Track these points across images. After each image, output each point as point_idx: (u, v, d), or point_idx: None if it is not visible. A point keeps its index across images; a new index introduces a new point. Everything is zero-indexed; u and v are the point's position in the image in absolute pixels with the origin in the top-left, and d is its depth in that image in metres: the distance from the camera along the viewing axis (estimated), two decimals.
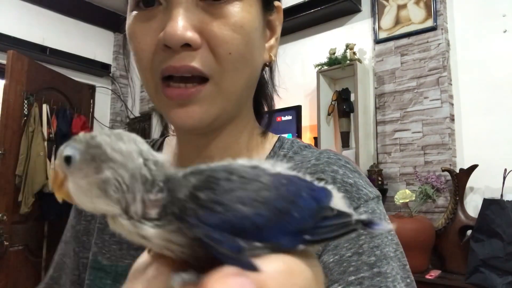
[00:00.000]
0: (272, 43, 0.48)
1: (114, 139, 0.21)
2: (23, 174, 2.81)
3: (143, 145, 0.22)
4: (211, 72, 0.40)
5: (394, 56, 2.36)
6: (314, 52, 2.69)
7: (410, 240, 1.84)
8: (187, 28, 0.38)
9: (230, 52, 0.40)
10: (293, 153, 0.50)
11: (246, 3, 0.41)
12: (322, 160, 0.46)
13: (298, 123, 2.52)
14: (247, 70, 0.42)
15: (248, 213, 0.19)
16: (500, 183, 1.86)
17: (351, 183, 0.44)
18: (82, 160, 0.21)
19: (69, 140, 0.22)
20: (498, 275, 1.65)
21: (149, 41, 0.40)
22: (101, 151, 0.21)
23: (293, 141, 0.52)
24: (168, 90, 0.40)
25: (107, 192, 0.20)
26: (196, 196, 0.19)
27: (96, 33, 3.88)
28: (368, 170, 2.30)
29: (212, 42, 0.39)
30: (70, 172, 0.21)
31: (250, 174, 0.21)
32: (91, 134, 0.22)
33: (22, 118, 2.89)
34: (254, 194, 0.20)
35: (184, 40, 0.38)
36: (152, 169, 0.21)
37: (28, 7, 3.38)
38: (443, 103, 2.15)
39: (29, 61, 2.97)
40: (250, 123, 0.51)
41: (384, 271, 0.39)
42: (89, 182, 0.20)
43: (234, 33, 0.39)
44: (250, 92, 0.48)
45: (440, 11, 2.21)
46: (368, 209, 0.43)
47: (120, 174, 0.20)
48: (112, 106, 4.05)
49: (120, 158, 0.21)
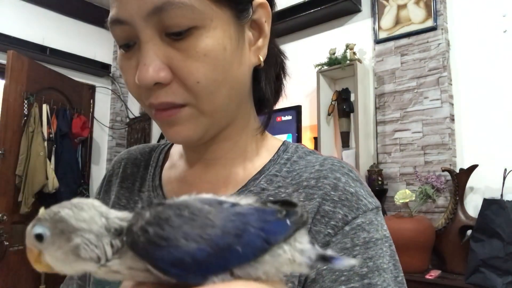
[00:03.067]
0: (259, 44, 0.47)
1: (76, 210, 0.24)
2: (23, 174, 2.81)
3: (102, 207, 0.25)
4: (186, 101, 0.42)
5: (394, 56, 2.36)
6: (314, 52, 2.69)
7: (410, 240, 1.84)
8: (155, 69, 0.40)
9: (198, 81, 0.41)
10: (297, 158, 0.50)
11: (208, 27, 0.41)
12: (325, 166, 0.47)
13: (298, 123, 2.52)
14: (224, 89, 0.43)
15: (190, 248, 0.22)
16: (500, 183, 1.86)
17: (352, 192, 0.45)
18: (53, 235, 0.24)
19: (33, 220, 0.25)
20: (498, 275, 1.65)
21: (131, 78, 0.43)
22: (67, 224, 0.24)
23: (298, 146, 0.53)
24: (156, 114, 0.44)
25: (80, 256, 0.24)
26: (146, 230, 0.23)
27: (96, 33, 3.88)
28: (368, 170, 2.30)
29: (180, 75, 0.41)
30: (44, 248, 0.24)
31: (202, 211, 0.24)
32: (53, 210, 0.25)
33: (22, 118, 2.89)
34: (199, 231, 0.23)
35: (153, 81, 0.40)
36: (116, 221, 0.25)
37: (28, 7, 3.38)
38: (443, 103, 2.15)
39: (29, 61, 2.97)
40: (250, 124, 0.51)
41: (375, 283, 0.40)
42: (64, 252, 0.24)
43: (198, 63, 0.41)
44: (240, 100, 0.48)
45: (440, 11, 2.21)
46: (366, 220, 0.43)
47: (87, 238, 0.24)
48: (112, 106, 4.05)
49: (84, 225, 0.24)
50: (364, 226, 0.43)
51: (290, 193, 0.46)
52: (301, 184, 0.46)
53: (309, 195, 0.45)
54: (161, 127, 0.45)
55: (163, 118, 0.43)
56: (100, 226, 0.24)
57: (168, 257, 0.22)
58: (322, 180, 0.45)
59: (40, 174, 2.89)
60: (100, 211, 0.25)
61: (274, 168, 0.49)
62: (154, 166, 0.57)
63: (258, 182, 0.48)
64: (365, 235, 0.42)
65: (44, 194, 2.96)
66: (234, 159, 0.50)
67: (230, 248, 0.23)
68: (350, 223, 0.43)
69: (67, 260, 0.24)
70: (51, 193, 2.99)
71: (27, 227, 0.25)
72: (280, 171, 0.49)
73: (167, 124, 0.44)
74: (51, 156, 3.08)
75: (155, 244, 0.22)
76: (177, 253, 0.22)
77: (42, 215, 0.25)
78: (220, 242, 0.22)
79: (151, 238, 0.22)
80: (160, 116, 0.43)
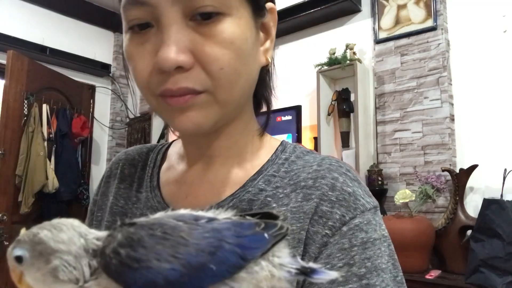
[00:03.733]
0: (267, 46, 0.49)
1: (55, 232, 0.25)
2: (23, 174, 2.81)
3: (81, 228, 0.25)
4: (205, 88, 0.41)
5: (394, 56, 2.36)
6: (314, 52, 2.69)
7: (410, 240, 1.84)
8: (179, 52, 0.39)
9: (222, 67, 0.41)
10: (295, 158, 0.50)
11: (235, 16, 0.41)
12: (323, 166, 0.47)
13: (298, 123, 2.52)
14: (241, 80, 0.43)
15: (162, 268, 0.22)
16: (500, 183, 1.86)
17: (350, 192, 0.45)
18: (32, 257, 0.24)
19: (14, 242, 0.25)
20: (498, 275, 1.65)
21: (145, 63, 0.41)
22: (46, 246, 0.24)
23: (296, 146, 0.53)
24: (169, 100, 0.42)
25: (59, 277, 0.24)
26: (118, 252, 0.22)
27: (96, 33, 3.88)
28: (368, 170, 2.30)
29: (204, 60, 0.40)
30: (24, 269, 0.25)
31: (176, 229, 0.23)
32: (33, 232, 0.25)
33: (22, 118, 2.89)
34: (171, 250, 0.22)
35: (177, 64, 0.39)
36: (94, 242, 0.25)
37: (28, 7, 3.38)
38: (443, 103, 2.15)
39: (29, 61, 2.97)
40: (250, 124, 0.52)
41: (373, 283, 0.40)
42: (43, 274, 0.24)
43: (224, 49, 0.40)
44: (248, 97, 0.49)
45: (440, 11, 2.21)
46: (363, 220, 0.43)
47: (66, 260, 0.24)
48: (112, 106, 4.05)
49: (63, 247, 0.24)
50: (362, 226, 0.43)
51: (288, 193, 0.46)
52: (299, 184, 0.46)
53: (306, 195, 0.45)
54: (170, 115, 0.43)
55: (177, 103, 0.41)
56: (78, 247, 0.24)
57: (141, 279, 0.22)
58: (320, 180, 0.45)
59: (40, 174, 2.89)
60: (79, 232, 0.25)
61: (272, 168, 0.49)
62: (152, 167, 0.56)
63: (256, 183, 0.48)
64: (363, 235, 0.42)
65: (44, 194, 2.96)
66: (233, 158, 0.50)
67: (203, 266, 0.22)
68: (348, 223, 0.43)
69: (46, 281, 0.24)
70: (51, 193, 2.99)
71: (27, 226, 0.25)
72: (278, 171, 0.49)
73: (179, 110, 0.42)
74: (51, 156, 3.08)
75: (127, 266, 0.22)
76: (149, 275, 0.22)
77: (22, 237, 0.25)
78: (193, 261, 0.22)
79: (123, 260, 0.22)
80: (174, 102, 0.41)
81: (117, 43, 4.07)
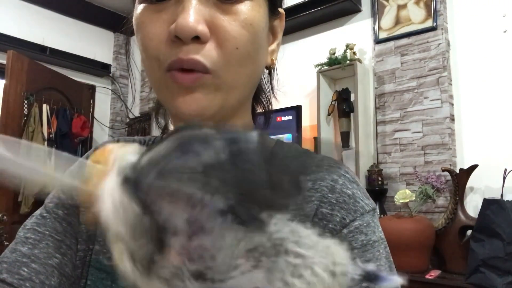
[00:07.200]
0: (273, 47, 0.49)
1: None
2: None
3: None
4: (215, 67, 0.41)
5: (394, 56, 2.36)
6: (314, 52, 2.69)
7: (410, 240, 1.84)
8: (199, 21, 0.39)
9: (237, 47, 0.41)
10: None
11: (256, 3, 0.42)
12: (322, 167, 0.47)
13: (298, 123, 2.52)
14: (251, 66, 0.43)
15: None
16: (500, 183, 1.86)
17: (349, 194, 0.44)
18: None
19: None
20: (498, 275, 1.65)
21: (158, 30, 0.41)
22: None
23: (292, 146, 0.52)
24: (177, 75, 0.40)
25: None
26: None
27: (96, 33, 3.88)
28: (368, 170, 2.30)
29: (221, 36, 0.40)
30: None
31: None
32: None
33: (22, 118, 2.89)
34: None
35: (196, 32, 0.38)
36: None
37: (28, 7, 3.38)
38: (443, 103, 2.15)
39: (29, 61, 2.97)
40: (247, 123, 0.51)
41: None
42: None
43: (243, 29, 0.41)
44: (250, 92, 0.49)
45: (440, 11, 2.21)
46: (363, 222, 0.43)
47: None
48: (112, 106, 4.05)
49: None
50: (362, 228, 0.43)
51: None
52: None
53: (306, 197, 0.44)
54: (174, 94, 0.42)
55: (185, 80, 0.40)
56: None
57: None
58: (319, 182, 0.44)
59: None
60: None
61: None
62: None
63: None
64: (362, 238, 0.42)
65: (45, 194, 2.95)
66: None
67: None
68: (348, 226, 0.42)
69: None
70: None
71: None
72: None
73: (185, 89, 0.41)
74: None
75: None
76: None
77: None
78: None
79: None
80: (181, 78, 0.40)
81: (117, 43, 4.06)
